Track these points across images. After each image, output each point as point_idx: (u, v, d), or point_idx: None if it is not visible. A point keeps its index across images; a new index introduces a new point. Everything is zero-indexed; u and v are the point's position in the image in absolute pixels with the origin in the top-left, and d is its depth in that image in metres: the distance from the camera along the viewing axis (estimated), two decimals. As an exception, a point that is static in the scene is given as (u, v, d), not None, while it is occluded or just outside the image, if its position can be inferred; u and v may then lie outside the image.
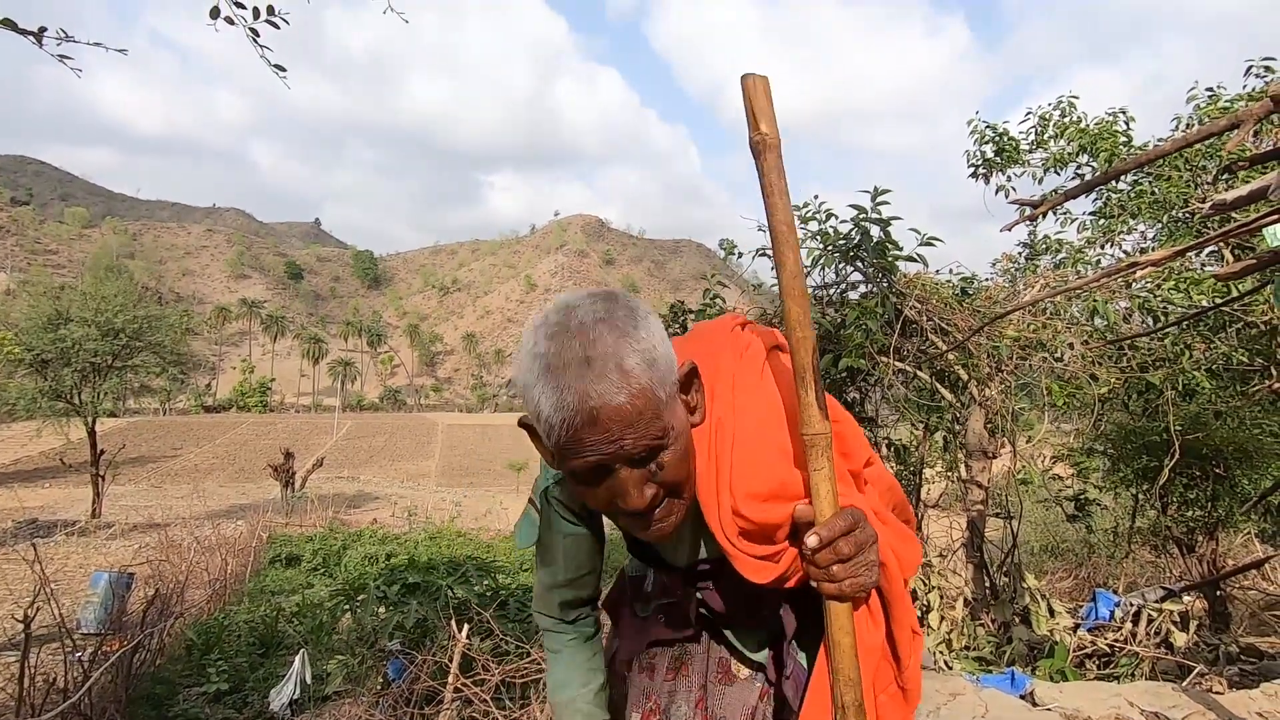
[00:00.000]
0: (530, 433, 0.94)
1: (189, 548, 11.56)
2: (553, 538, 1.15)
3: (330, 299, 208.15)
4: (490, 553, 14.91)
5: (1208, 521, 6.89)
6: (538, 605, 1.27)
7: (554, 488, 1.13)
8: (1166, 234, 5.52)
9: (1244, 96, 5.43)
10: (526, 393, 0.87)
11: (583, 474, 0.87)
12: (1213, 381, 5.20)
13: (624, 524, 0.97)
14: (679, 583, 1.14)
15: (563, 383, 0.82)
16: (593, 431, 0.83)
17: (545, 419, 0.84)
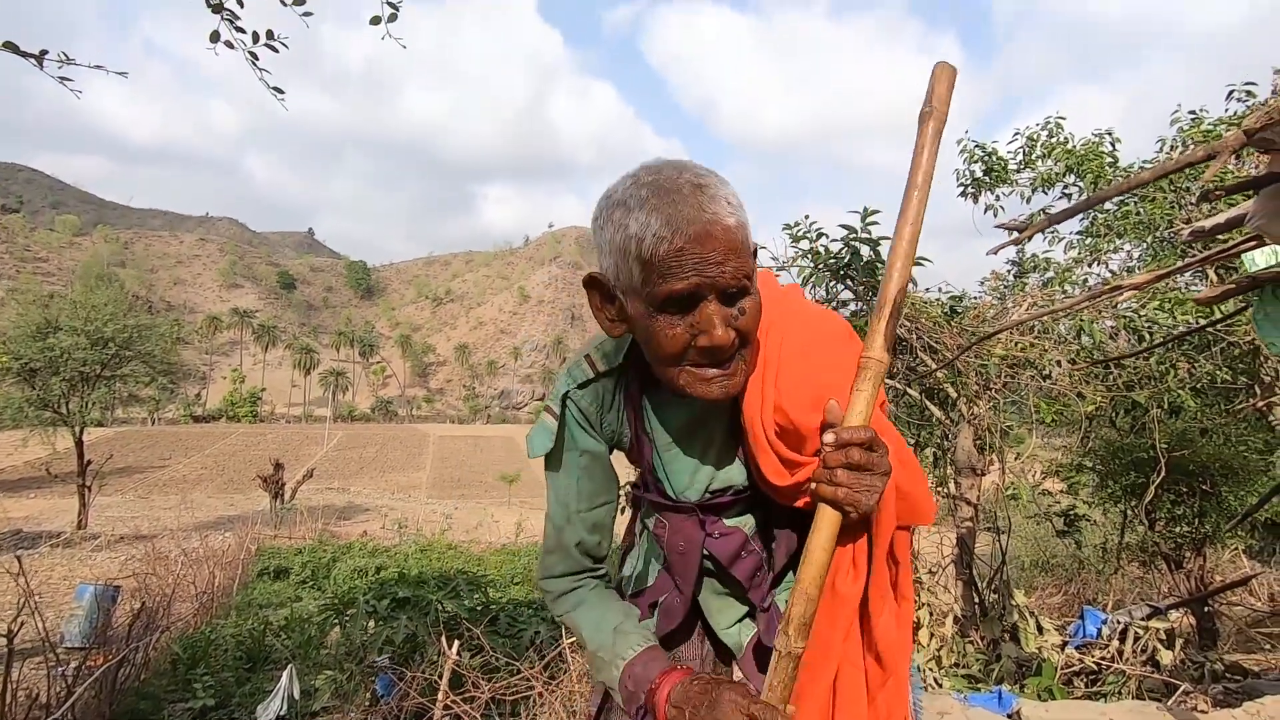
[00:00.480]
0: (595, 289, 0.98)
1: (176, 560, 11.45)
2: (568, 456, 1.10)
3: (323, 309, 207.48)
4: (481, 566, 14.81)
5: (1195, 537, 6.94)
6: (547, 567, 1.17)
7: (576, 392, 1.09)
8: (1152, 254, 5.62)
9: (1225, 120, 5.55)
10: (625, 219, 0.89)
11: (678, 298, 0.88)
12: (1197, 400, 5.27)
13: (687, 381, 0.94)
14: (693, 527, 1.11)
15: (677, 199, 0.87)
16: (702, 247, 0.86)
17: (654, 235, 0.87)
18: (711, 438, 1.08)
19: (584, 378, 1.09)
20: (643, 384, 1.10)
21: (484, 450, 73.44)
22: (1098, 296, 2.76)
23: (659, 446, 1.11)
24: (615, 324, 0.99)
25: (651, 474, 1.13)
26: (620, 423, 1.12)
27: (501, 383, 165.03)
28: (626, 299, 0.94)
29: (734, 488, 1.10)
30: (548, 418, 1.09)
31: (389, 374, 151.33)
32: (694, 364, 0.93)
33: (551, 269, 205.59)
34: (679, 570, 1.15)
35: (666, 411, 1.09)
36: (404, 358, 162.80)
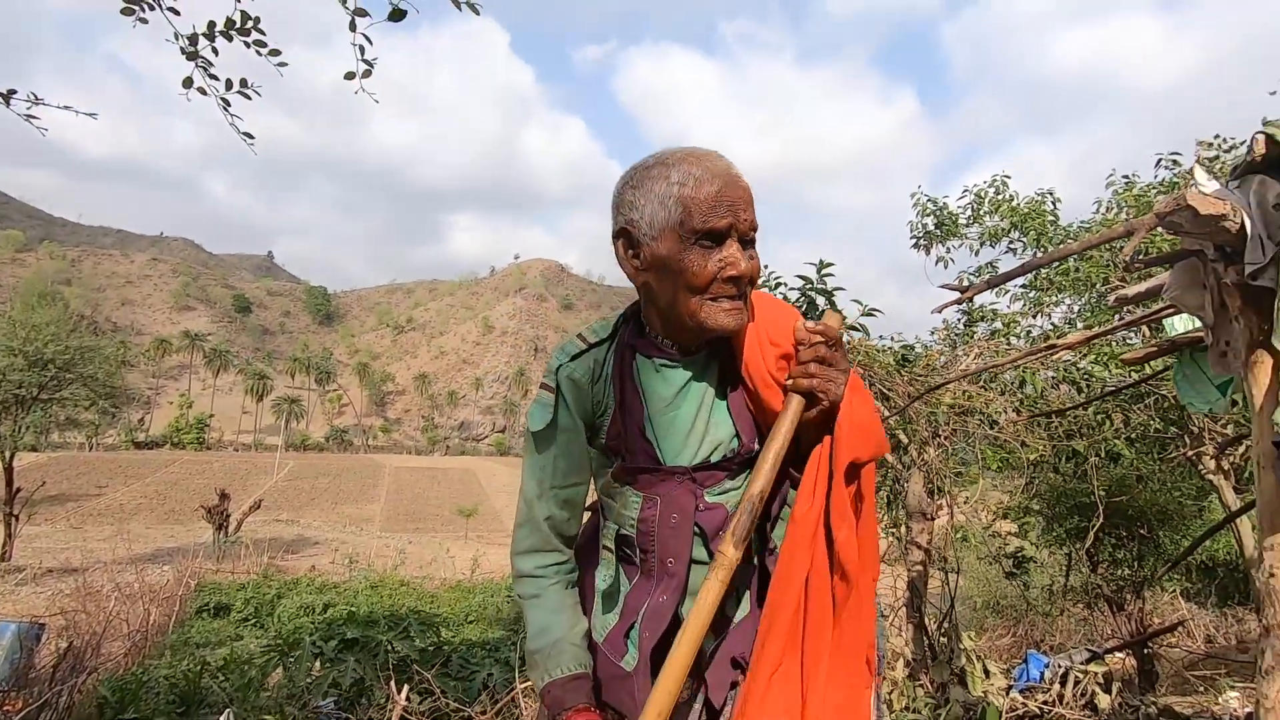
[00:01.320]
0: (623, 238, 1.13)
1: (108, 595, 10.86)
2: (552, 431, 1.18)
3: (279, 334, 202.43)
4: (434, 604, 14.38)
5: (1135, 580, 7.19)
6: (517, 541, 1.23)
7: (568, 365, 1.19)
8: (1090, 309, 5.96)
9: (1154, 186, 5.98)
10: (666, 171, 1.08)
11: (715, 233, 1.06)
12: (1133, 449, 5.52)
13: (708, 312, 1.08)
14: (685, 495, 1.16)
15: (709, 159, 1.09)
16: (732, 192, 1.07)
17: (695, 179, 1.06)
18: (702, 399, 1.18)
19: (576, 350, 1.20)
20: (634, 353, 1.20)
21: (441, 483, 71.88)
22: (1036, 354, 2.93)
23: (652, 410, 1.18)
24: (640, 271, 1.13)
25: (643, 438, 1.18)
26: (606, 394, 1.19)
27: (462, 414, 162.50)
28: (659, 241, 1.08)
29: (723, 450, 1.18)
30: (544, 393, 1.18)
31: (345, 402, 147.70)
32: (715, 296, 1.08)
33: (516, 300, 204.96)
34: (671, 549, 1.16)
35: (660, 375, 1.18)
36: (362, 386, 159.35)
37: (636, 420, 1.18)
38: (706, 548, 1.18)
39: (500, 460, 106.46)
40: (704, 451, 1.18)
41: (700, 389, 1.18)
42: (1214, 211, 1.81)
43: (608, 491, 1.25)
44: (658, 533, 1.18)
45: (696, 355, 1.19)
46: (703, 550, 1.19)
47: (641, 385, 1.18)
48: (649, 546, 1.19)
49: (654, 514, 1.18)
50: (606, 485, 1.25)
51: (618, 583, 1.23)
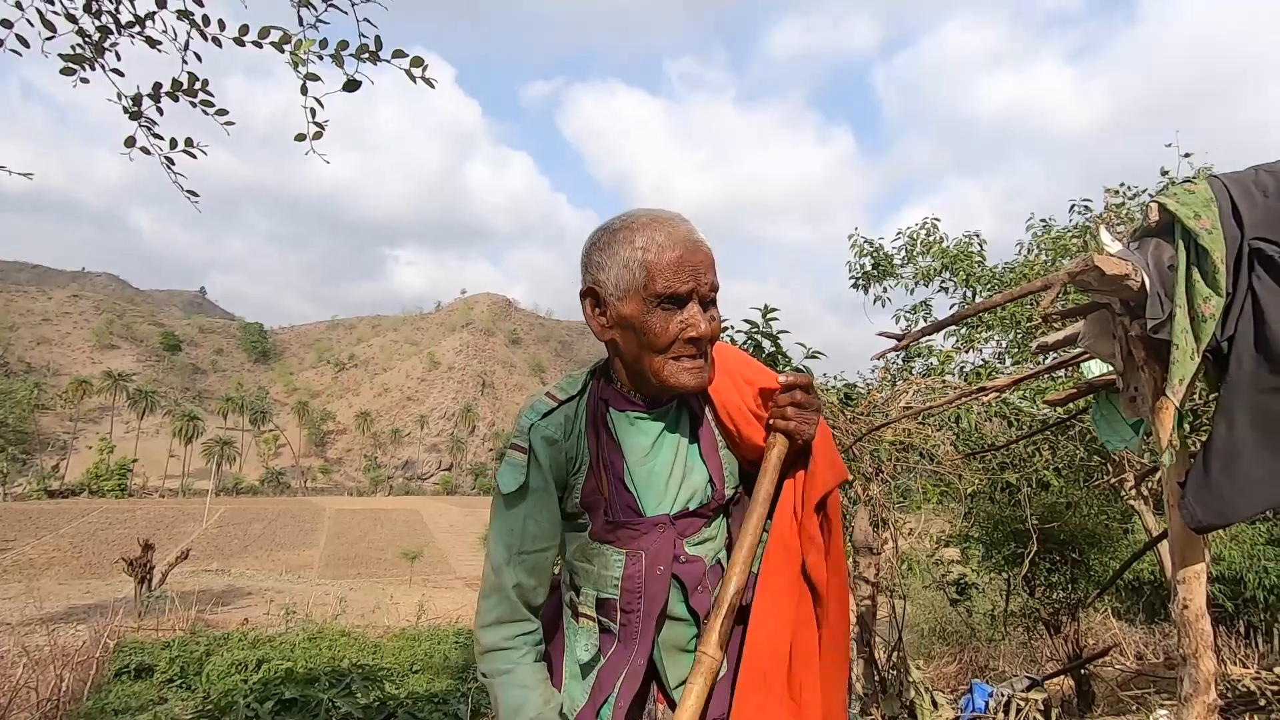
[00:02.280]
0: (590, 298, 1.18)
1: (14, 662, 10.02)
2: (524, 493, 1.17)
3: (211, 373, 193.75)
4: (378, 654, 13.77)
5: (1070, 603, 7.49)
6: (482, 613, 1.19)
7: (540, 423, 1.17)
8: (1016, 345, 6.33)
9: (1069, 230, 6.45)
10: (631, 236, 1.13)
11: (676, 297, 1.12)
12: (1061, 478, 5.82)
13: (670, 371, 1.14)
14: (667, 545, 1.17)
15: (673, 225, 1.14)
16: (693, 257, 1.12)
17: (659, 245, 1.12)
18: (677, 448, 1.22)
19: (547, 408, 1.19)
20: (607, 406, 1.22)
21: (385, 525, 69.42)
22: (967, 396, 3.10)
23: (631, 462, 1.19)
24: (606, 328, 1.17)
25: (625, 490, 1.19)
26: (580, 449, 1.19)
27: (406, 452, 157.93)
28: (623, 302, 1.13)
29: (700, 497, 1.22)
30: (515, 454, 1.16)
31: (282, 443, 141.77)
32: (677, 355, 1.14)
33: (463, 335, 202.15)
34: (657, 604, 1.17)
35: (636, 426, 1.21)
36: (300, 425, 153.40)
37: (617, 472, 1.19)
38: (686, 602, 1.20)
39: (446, 500, 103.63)
40: (682, 499, 1.20)
41: (674, 438, 1.22)
42: (1118, 271, 1.98)
43: (583, 555, 1.22)
44: (644, 589, 1.17)
45: (668, 405, 1.23)
46: (681, 605, 1.20)
47: (618, 438, 1.20)
48: (633, 606, 1.18)
49: (639, 570, 1.18)
50: (581, 549, 1.22)
51: (600, 653, 1.21)
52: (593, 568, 1.21)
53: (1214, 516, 1.85)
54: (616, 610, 1.19)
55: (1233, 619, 7.45)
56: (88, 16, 1.98)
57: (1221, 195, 1.94)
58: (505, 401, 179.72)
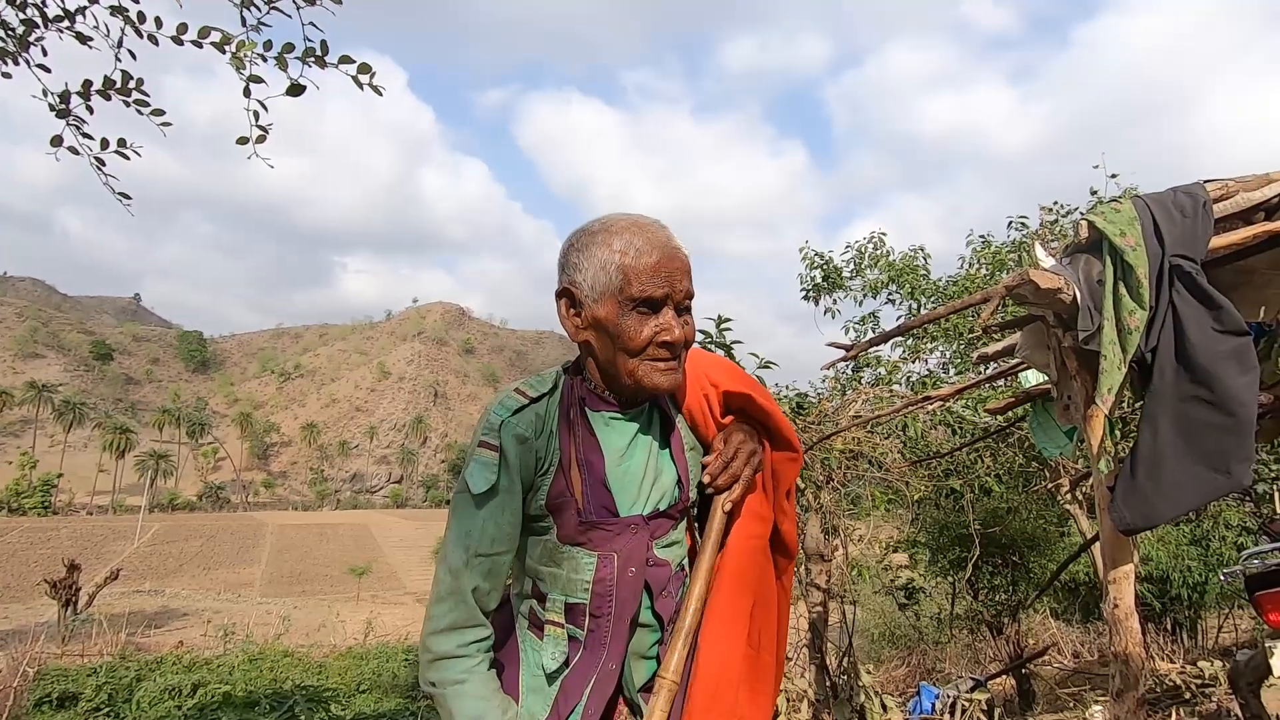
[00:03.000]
0: (566, 298, 1.18)
1: (-78, 696, 9.31)
2: (492, 494, 1.12)
3: (145, 383, 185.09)
4: (322, 675, 13.26)
5: (1011, 604, 7.75)
6: (434, 619, 1.13)
7: (511, 419, 1.14)
8: (959, 356, 6.57)
9: (1006, 245, 6.74)
10: (610, 239, 1.14)
11: (651, 301, 1.12)
12: (1001, 484, 6.04)
13: (644, 372, 1.14)
14: (641, 546, 1.17)
15: (651, 230, 1.15)
16: (670, 263, 1.13)
17: (637, 250, 1.12)
18: (650, 449, 1.23)
19: (517, 404, 1.16)
20: (582, 405, 1.21)
21: (331, 540, 67.30)
22: (913, 405, 3.20)
23: (609, 462, 1.19)
24: (580, 329, 1.18)
25: (602, 490, 1.17)
26: (550, 449, 1.17)
27: (354, 465, 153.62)
28: (599, 304, 1.14)
29: (669, 498, 1.22)
30: (485, 452, 1.12)
31: (222, 456, 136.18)
32: (650, 358, 1.14)
33: (415, 345, 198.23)
34: (629, 606, 1.17)
35: (611, 427, 1.21)
36: (242, 438, 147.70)
37: (596, 472, 1.17)
38: (652, 608, 1.20)
39: (397, 513, 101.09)
40: (654, 499, 1.21)
41: (647, 440, 1.23)
42: (1051, 286, 2.07)
43: (549, 559, 1.19)
44: (616, 592, 1.16)
45: (641, 406, 1.23)
46: (647, 610, 1.20)
47: (599, 436, 1.20)
48: (604, 610, 1.16)
49: (610, 573, 1.16)
50: (547, 553, 1.19)
51: (567, 661, 1.17)
52: (561, 571, 1.18)
53: (1140, 519, 1.94)
54: (585, 615, 1.17)
55: (1160, 617, 7.82)
56: (11, 9, 1.88)
57: (1144, 214, 2.05)
58: (458, 412, 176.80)
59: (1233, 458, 1.82)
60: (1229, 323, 1.88)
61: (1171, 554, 7.69)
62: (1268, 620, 2.62)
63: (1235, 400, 1.81)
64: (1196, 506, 1.95)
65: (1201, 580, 7.53)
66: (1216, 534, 7.66)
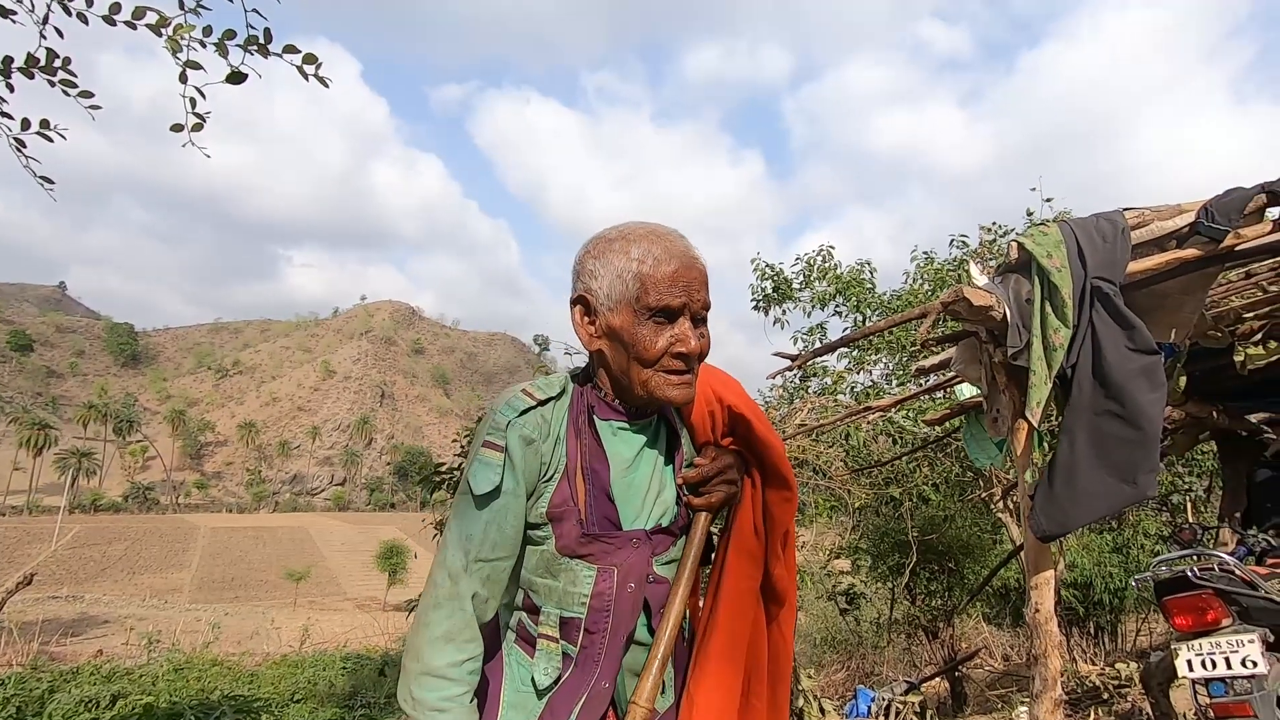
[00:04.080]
0: (581, 305, 1.16)
1: None
2: (495, 496, 1.09)
3: (69, 377, 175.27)
4: (254, 684, 12.74)
5: (946, 609, 8.01)
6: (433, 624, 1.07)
7: (518, 420, 1.10)
8: (901, 368, 6.80)
9: (948, 262, 7.02)
10: (627, 247, 1.12)
11: (668, 311, 1.10)
12: (939, 493, 6.24)
13: (656, 384, 1.12)
14: (642, 561, 1.15)
15: (670, 239, 1.13)
16: (688, 273, 1.11)
17: (655, 258, 1.10)
18: (655, 462, 1.20)
19: (524, 405, 1.12)
20: (589, 414, 1.18)
21: (267, 543, 64.91)
22: (855, 415, 3.29)
23: (615, 472, 1.15)
24: (594, 338, 1.15)
25: (606, 501, 1.14)
26: (555, 456, 1.13)
27: (295, 466, 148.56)
28: (614, 313, 1.12)
29: (670, 514, 1.20)
30: (489, 452, 1.09)
31: (151, 455, 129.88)
32: (664, 369, 1.12)
33: (362, 343, 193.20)
34: (626, 623, 1.14)
35: (618, 437, 1.18)
36: (174, 436, 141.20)
37: (601, 482, 1.14)
38: (649, 625, 1.17)
39: (338, 516, 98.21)
40: (656, 514, 1.18)
41: (653, 453, 1.21)
42: (983, 303, 2.17)
43: (546, 570, 1.14)
44: (614, 607, 1.13)
45: (649, 418, 1.21)
46: (644, 628, 1.17)
47: (606, 446, 1.17)
48: (600, 626, 1.13)
49: (609, 587, 1.13)
50: (544, 563, 1.14)
51: (559, 677, 1.13)
52: (557, 584, 1.14)
53: (1055, 526, 2.05)
54: (579, 631, 1.13)
55: (1083, 620, 8.19)
56: (-75, -22, 1.77)
57: (1069, 238, 2.17)
58: (405, 413, 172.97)
59: (1139, 469, 1.94)
60: (1141, 342, 2.00)
61: (1094, 561, 8.06)
62: (1174, 624, 2.78)
63: (1144, 415, 1.93)
64: (1106, 514, 2.07)
65: (1122, 586, 7.93)
66: (1136, 542, 8.07)
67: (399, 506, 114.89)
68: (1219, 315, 2.71)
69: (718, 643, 1.19)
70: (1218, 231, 2.12)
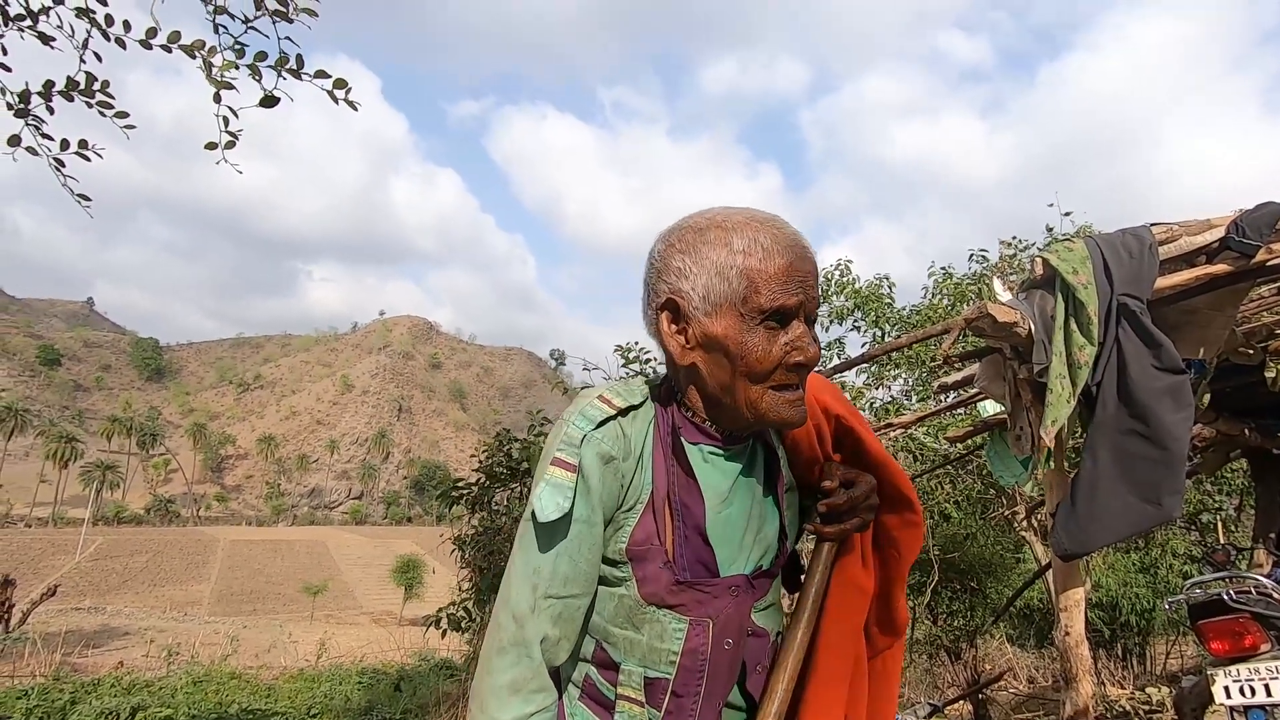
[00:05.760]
0: (669, 310, 0.96)
1: None
2: (565, 523, 0.92)
3: (95, 391, 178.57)
4: (271, 698, 12.79)
5: (968, 629, 7.87)
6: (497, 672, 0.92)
7: (594, 434, 0.93)
8: (921, 384, 6.73)
9: (967, 277, 6.97)
10: (726, 237, 0.93)
11: (784, 312, 0.92)
12: (960, 510, 6.15)
13: (769, 404, 0.93)
14: (741, 611, 0.98)
15: (775, 225, 0.94)
16: (803, 265, 0.92)
17: (764, 249, 0.91)
18: (754, 494, 1.02)
19: (601, 415, 0.95)
20: (675, 435, 0.99)
21: (285, 556, 65.36)
22: (877, 430, 3.26)
23: (710, 507, 0.97)
24: (687, 350, 0.95)
25: (704, 543, 0.96)
26: (640, 481, 0.96)
27: (313, 479, 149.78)
28: (714, 318, 0.92)
29: (772, 553, 1.03)
30: (560, 472, 0.91)
31: (173, 468, 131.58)
32: (777, 385, 0.93)
33: (380, 358, 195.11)
34: (721, 685, 0.98)
35: (710, 464, 1.00)
36: (195, 449, 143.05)
37: (695, 521, 0.96)
38: (743, 686, 1.00)
39: (355, 530, 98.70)
40: (755, 555, 1.00)
41: (750, 482, 1.02)
42: (1008, 320, 2.14)
43: (626, 620, 0.97)
44: (708, 668, 0.96)
45: (745, 442, 1.03)
46: (738, 691, 1.00)
47: (698, 473, 0.98)
48: (691, 689, 0.96)
49: (704, 644, 0.96)
50: (624, 612, 0.97)
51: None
52: (640, 637, 0.96)
53: (1077, 546, 2.01)
54: (665, 694, 0.96)
55: (1110, 643, 8.00)
56: (-28, 7, 1.83)
57: (1095, 254, 2.14)
58: (422, 428, 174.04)
59: (1163, 490, 1.90)
60: (1167, 360, 1.97)
61: (1120, 581, 7.89)
62: (1210, 648, 2.70)
63: (1169, 435, 1.89)
64: (1128, 535, 2.02)
65: (1150, 607, 7.74)
66: (1164, 562, 7.89)
67: (415, 520, 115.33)
68: (1250, 332, 2.66)
69: (816, 691, 1.01)
70: (1248, 247, 2.09)
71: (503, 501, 5.15)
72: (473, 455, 5.29)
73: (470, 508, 5.17)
